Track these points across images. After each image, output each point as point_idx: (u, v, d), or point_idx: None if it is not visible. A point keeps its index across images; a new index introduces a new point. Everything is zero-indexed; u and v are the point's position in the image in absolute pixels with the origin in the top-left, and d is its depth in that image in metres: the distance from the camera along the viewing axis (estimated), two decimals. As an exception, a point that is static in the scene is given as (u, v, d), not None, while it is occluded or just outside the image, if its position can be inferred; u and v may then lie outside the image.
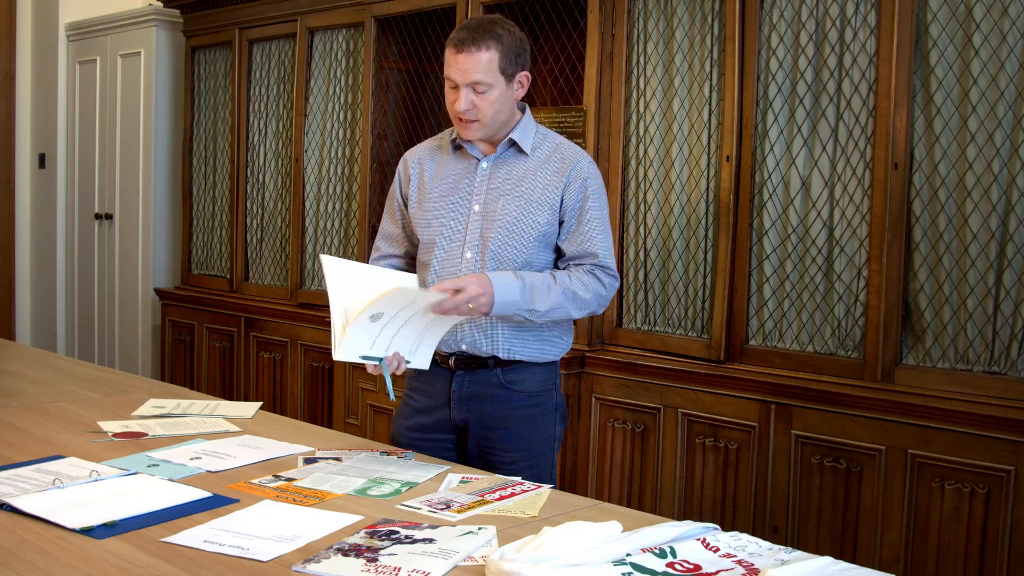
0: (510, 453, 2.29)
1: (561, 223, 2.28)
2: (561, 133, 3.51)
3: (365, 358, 2.09)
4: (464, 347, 2.28)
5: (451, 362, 2.31)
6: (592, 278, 2.26)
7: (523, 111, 2.36)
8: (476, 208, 2.30)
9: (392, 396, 2.16)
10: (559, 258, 2.32)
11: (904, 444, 2.76)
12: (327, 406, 4.38)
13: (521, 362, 2.29)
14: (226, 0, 4.97)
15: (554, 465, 2.38)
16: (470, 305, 2.10)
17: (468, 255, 2.28)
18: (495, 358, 2.28)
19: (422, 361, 2.18)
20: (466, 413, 2.31)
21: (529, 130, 2.33)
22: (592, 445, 3.45)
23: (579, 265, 2.28)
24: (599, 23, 3.44)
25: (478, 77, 2.21)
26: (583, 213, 2.28)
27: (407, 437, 2.37)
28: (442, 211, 2.33)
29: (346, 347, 2.05)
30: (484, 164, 2.32)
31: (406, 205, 2.41)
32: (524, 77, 2.29)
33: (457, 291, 2.09)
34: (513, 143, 2.31)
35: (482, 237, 2.28)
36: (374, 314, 2.00)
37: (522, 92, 2.31)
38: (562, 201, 2.27)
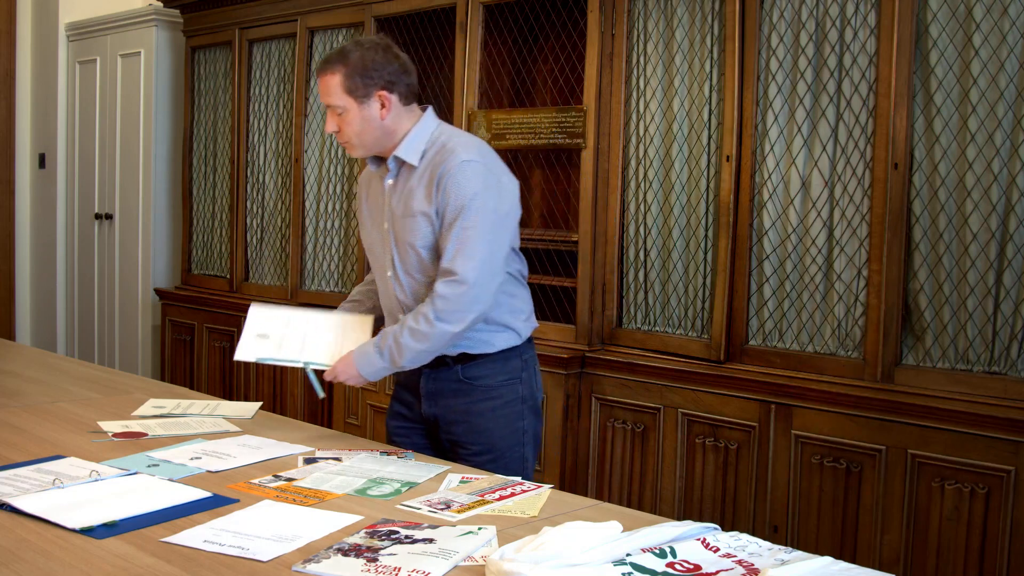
0: (474, 446, 2.34)
1: (440, 228, 2.25)
2: (561, 133, 3.53)
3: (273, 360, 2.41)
4: None
5: None
6: (432, 305, 2.19)
7: (417, 120, 2.31)
8: (386, 227, 2.34)
9: (321, 394, 2.39)
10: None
11: (904, 444, 2.76)
12: (327, 406, 4.38)
13: (480, 358, 2.33)
14: (226, 0, 4.97)
15: (526, 459, 2.40)
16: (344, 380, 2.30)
17: (389, 274, 2.36)
18: (452, 356, 2.33)
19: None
20: (434, 408, 2.38)
21: (418, 141, 2.29)
22: (592, 445, 3.45)
23: (437, 284, 2.22)
24: (599, 23, 3.44)
25: (329, 100, 2.27)
26: (450, 216, 2.21)
27: (392, 431, 2.47)
28: (371, 232, 2.41)
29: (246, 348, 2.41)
30: (388, 181, 2.35)
31: None
32: (383, 97, 2.26)
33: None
34: (398, 160, 2.31)
35: (394, 256, 2.34)
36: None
37: (387, 112, 2.26)
38: (437, 208, 2.23)
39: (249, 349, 2.41)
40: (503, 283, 2.28)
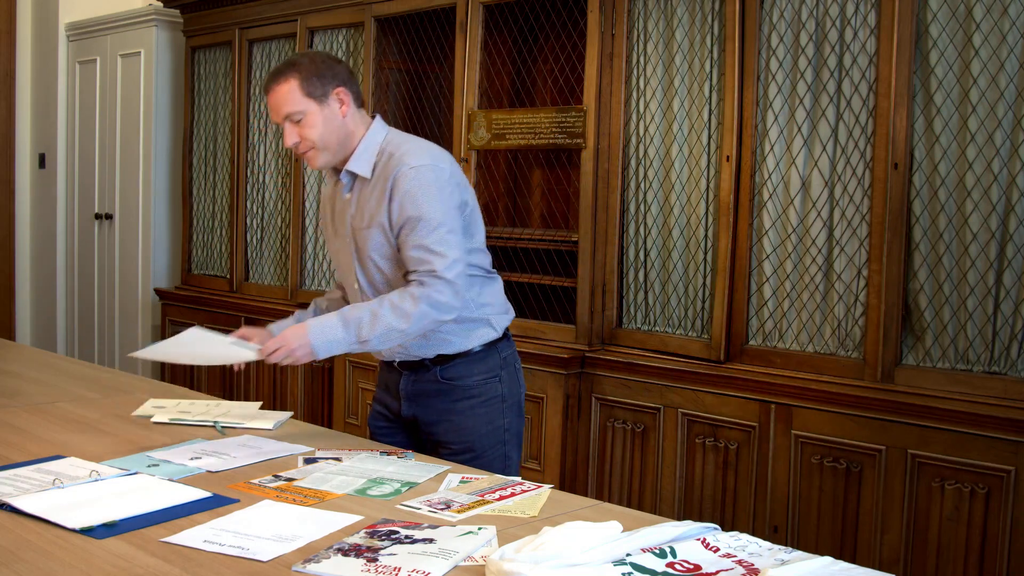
0: (455, 445, 2.35)
1: (399, 238, 2.25)
2: (561, 133, 3.53)
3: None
4: (396, 359, 2.38)
5: (396, 364, 2.40)
6: (421, 288, 2.18)
7: (367, 127, 2.31)
8: (348, 240, 2.35)
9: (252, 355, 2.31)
10: (406, 273, 2.27)
11: (904, 444, 2.76)
12: (327, 406, 4.38)
13: (458, 357, 2.34)
14: (226, 0, 4.97)
15: (508, 457, 2.41)
16: (288, 358, 2.20)
17: (356, 286, 2.37)
18: (429, 359, 2.35)
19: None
20: (413, 409, 2.40)
21: (368, 152, 2.29)
22: (592, 445, 3.45)
23: (417, 277, 2.22)
24: (599, 23, 3.44)
25: (287, 109, 2.28)
26: (409, 224, 2.21)
27: (375, 431, 2.49)
28: (334, 241, 2.43)
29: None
30: (346, 195, 2.35)
31: None
32: (341, 93, 2.27)
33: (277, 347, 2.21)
34: (351, 173, 2.31)
35: (357, 269, 2.34)
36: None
37: (347, 108, 2.27)
38: (391, 218, 2.24)
39: (160, 349, 2.47)
40: (469, 282, 2.29)
